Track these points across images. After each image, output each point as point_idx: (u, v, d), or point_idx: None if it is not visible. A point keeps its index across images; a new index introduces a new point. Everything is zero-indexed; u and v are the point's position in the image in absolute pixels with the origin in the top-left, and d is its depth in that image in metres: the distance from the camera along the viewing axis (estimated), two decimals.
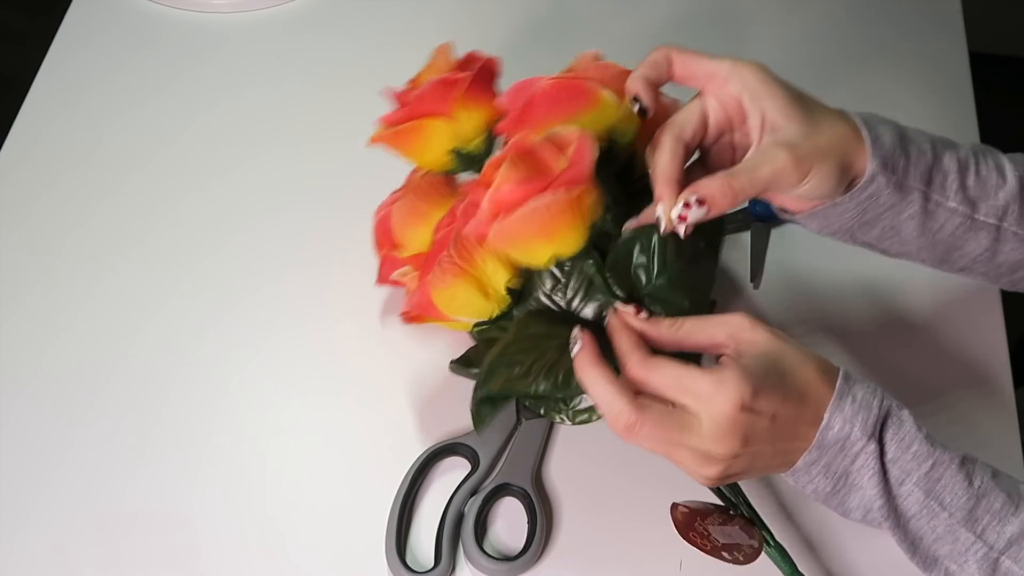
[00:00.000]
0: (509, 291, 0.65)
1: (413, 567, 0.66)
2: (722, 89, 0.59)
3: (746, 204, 0.83)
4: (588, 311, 0.65)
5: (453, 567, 0.67)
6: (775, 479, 0.70)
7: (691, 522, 0.61)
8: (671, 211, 0.56)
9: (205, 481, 0.71)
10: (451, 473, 0.71)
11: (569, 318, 0.64)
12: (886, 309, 0.79)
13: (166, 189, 0.85)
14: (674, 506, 0.62)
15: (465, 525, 0.68)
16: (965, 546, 0.53)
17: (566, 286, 0.65)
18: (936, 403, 0.74)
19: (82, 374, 0.75)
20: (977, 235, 0.60)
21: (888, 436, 0.54)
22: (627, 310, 0.59)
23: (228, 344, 0.77)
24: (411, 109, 0.67)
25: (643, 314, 0.59)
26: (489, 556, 0.66)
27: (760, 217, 0.82)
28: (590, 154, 0.58)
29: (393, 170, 0.73)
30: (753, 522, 0.64)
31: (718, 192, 0.55)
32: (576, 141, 0.59)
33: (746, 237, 0.82)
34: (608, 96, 0.64)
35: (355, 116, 0.72)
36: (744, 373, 0.53)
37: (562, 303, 0.65)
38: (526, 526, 0.68)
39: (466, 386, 0.73)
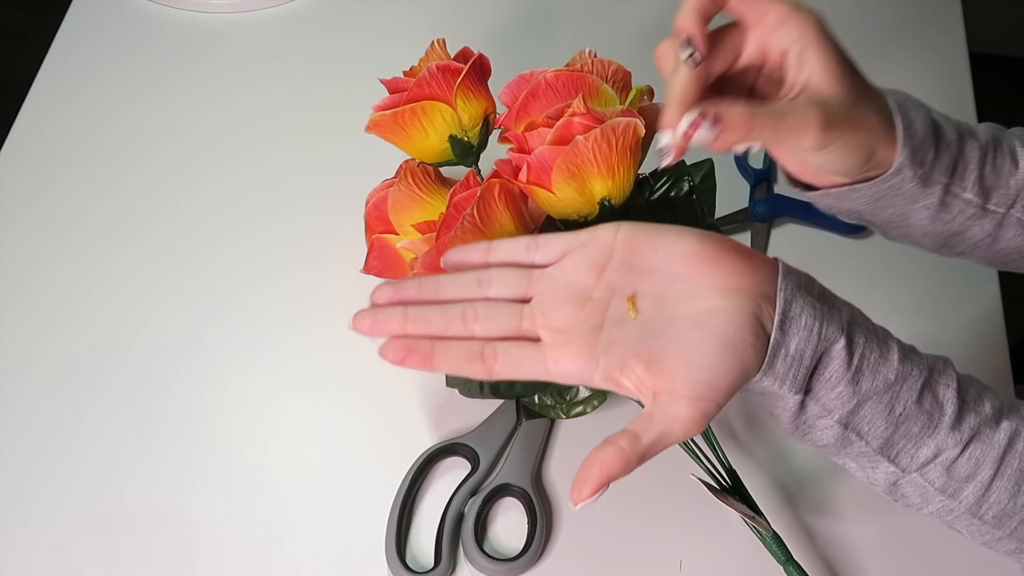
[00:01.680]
0: None
1: (413, 567, 0.66)
2: (769, 35, 0.53)
3: (746, 204, 0.83)
4: None
5: (453, 567, 0.67)
6: (772, 469, 0.70)
7: (716, 493, 0.62)
8: (679, 128, 0.50)
9: (205, 481, 0.71)
10: (451, 473, 0.71)
11: None
12: (885, 309, 0.79)
13: (166, 188, 0.85)
14: (698, 478, 0.62)
15: (465, 525, 0.68)
16: (876, 463, 0.53)
17: None
18: None
19: (82, 373, 0.75)
20: (982, 223, 0.58)
21: (817, 383, 0.51)
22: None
23: (228, 343, 0.77)
24: (411, 94, 0.68)
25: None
26: (489, 556, 0.66)
27: (760, 217, 0.82)
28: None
29: (393, 169, 0.73)
30: (752, 506, 0.64)
31: (737, 117, 0.50)
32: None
33: (746, 237, 0.82)
34: (609, 90, 0.64)
35: (355, 116, 0.72)
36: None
37: None
38: (526, 526, 0.68)
39: None
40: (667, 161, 0.51)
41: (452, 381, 0.71)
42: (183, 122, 0.90)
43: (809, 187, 0.59)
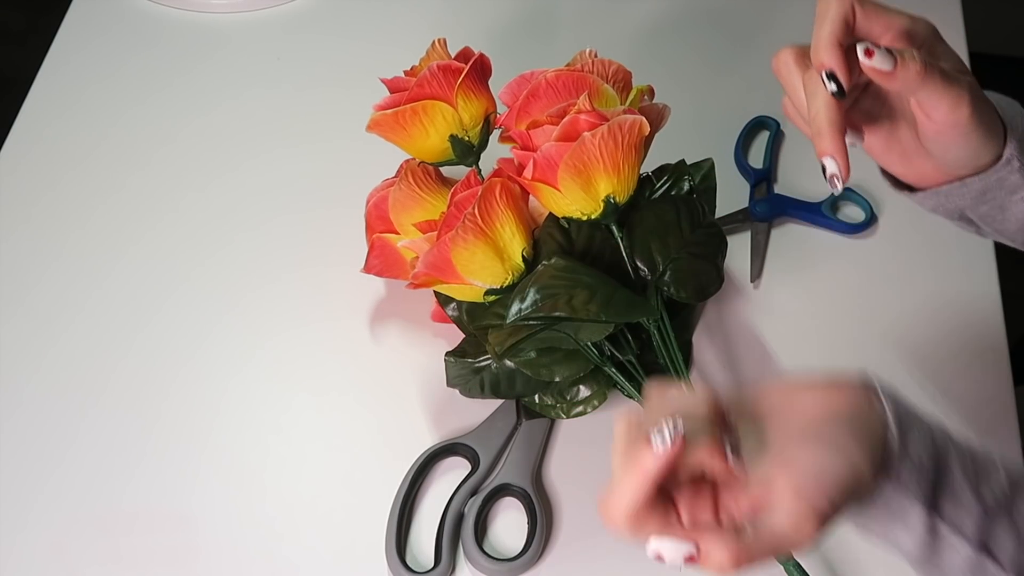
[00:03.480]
0: (523, 260, 0.65)
1: (413, 567, 0.66)
2: (894, 45, 0.53)
3: (746, 204, 0.83)
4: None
5: (453, 567, 0.67)
6: None
7: None
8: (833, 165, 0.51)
9: (205, 481, 0.71)
10: (451, 473, 0.71)
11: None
12: (885, 309, 0.79)
13: (166, 189, 0.85)
14: None
15: (465, 525, 0.68)
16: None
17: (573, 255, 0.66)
18: (936, 403, 0.74)
19: (82, 374, 0.75)
20: None
21: (941, 497, 0.47)
22: None
23: (228, 344, 0.77)
24: (412, 93, 0.68)
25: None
26: (489, 556, 0.66)
27: (760, 217, 0.82)
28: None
29: (393, 169, 0.73)
30: None
31: (915, 60, 0.50)
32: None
33: (746, 237, 0.82)
34: (609, 89, 0.64)
35: (355, 116, 0.72)
36: None
37: None
38: (526, 526, 0.68)
39: None
40: (839, 187, 0.52)
41: (452, 381, 0.71)
42: (183, 122, 0.90)
43: (911, 189, 0.60)
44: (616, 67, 0.67)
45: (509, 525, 0.69)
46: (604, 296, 0.62)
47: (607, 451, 0.71)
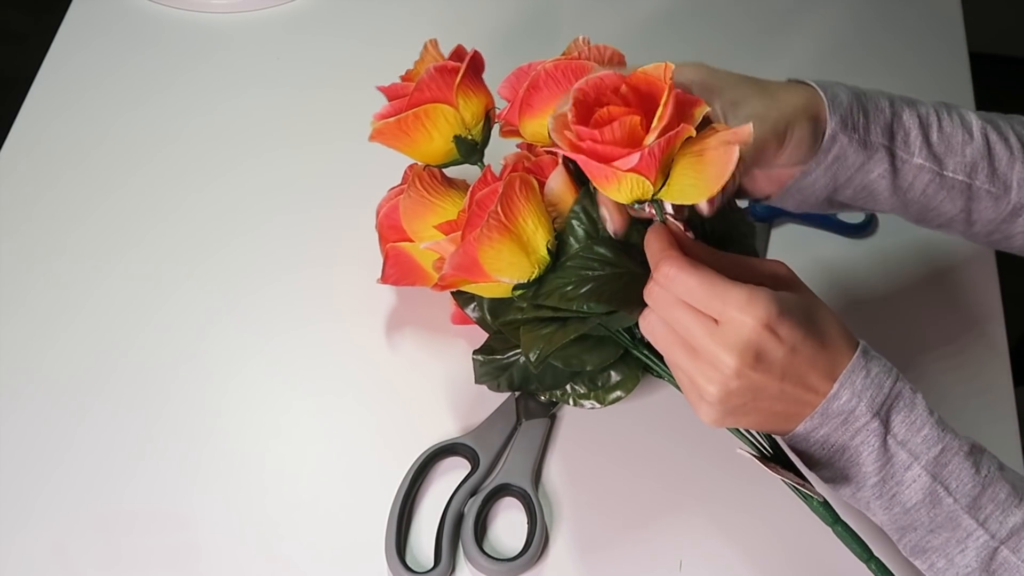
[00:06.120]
0: (548, 252, 0.65)
1: (413, 567, 0.66)
2: None
3: (746, 204, 0.83)
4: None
5: (453, 567, 0.67)
6: None
7: (765, 463, 0.61)
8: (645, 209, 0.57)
9: (205, 481, 0.71)
10: (451, 473, 0.71)
11: (627, 249, 0.64)
12: (885, 309, 0.79)
13: (166, 189, 0.85)
14: (745, 451, 0.61)
15: (465, 525, 0.68)
16: (966, 533, 0.53)
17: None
18: (936, 403, 0.73)
19: (83, 374, 0.75)
20: (950, 194, 0.61)
21: (898, 418, 0.53)
22: (676, 224, 0.58)
23: (228, 344, 0.77)
24: (413, 98, 0.67)
25: (690, 234, 0.58)
26: (489, 556, 0.66)
27: (760, 217, 0.82)
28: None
29: (393, 169, 0.73)
30: (794, 470, 0.63)
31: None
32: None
33: None
34: None
35: (355, 116, 0.72)
36: (776, 296, 0.52)
37: None
38: (526, 526, 0.68)
39: (467, 385, 0.73)
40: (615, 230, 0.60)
41: (481, 378, 0.70)
42: (183, 122, 0.90)
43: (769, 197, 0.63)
44: (611, 52, 0.67)
45: (509, 525, 0.69)
46: (598, 287, 0.61)
47: (607, 451, 0.72)
